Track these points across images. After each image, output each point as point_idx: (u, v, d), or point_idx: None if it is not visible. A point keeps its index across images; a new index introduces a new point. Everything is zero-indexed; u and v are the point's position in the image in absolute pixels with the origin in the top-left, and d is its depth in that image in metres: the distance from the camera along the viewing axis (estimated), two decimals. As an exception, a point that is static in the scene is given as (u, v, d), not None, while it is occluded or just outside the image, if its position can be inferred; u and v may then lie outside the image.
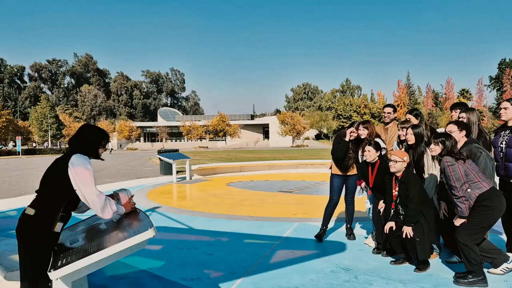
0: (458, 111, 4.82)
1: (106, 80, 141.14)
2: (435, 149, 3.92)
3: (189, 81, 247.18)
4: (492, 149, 4.45)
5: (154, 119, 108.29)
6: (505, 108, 4.26)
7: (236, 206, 8.36)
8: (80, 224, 3.20)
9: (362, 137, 5.13)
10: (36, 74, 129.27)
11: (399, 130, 4.98)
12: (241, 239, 5.65)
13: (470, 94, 74.38)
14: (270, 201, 8.96)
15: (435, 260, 4.47)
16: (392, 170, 4.33)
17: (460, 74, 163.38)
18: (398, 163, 4.26)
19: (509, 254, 4.20)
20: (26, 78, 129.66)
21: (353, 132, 5.21)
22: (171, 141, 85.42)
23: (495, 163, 4.37)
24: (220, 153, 43.22)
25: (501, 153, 4.27)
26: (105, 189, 10.92)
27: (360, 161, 5.19)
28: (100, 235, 2.66)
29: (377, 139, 5.12)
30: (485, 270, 4.01)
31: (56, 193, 2.65)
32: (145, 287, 3.94)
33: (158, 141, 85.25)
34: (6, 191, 12.50)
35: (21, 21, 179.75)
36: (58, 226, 2.65)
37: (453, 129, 4.19)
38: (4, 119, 57.27)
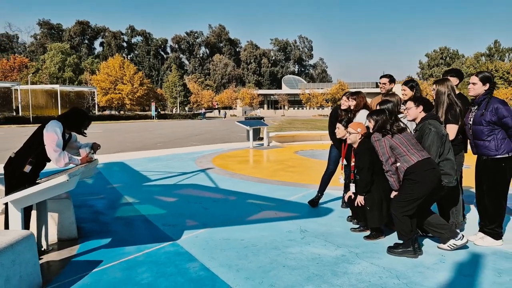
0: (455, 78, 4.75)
1: (237, 49, 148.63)
2: (370, 126, 4.00)
3: (317, 48, 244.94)
4: (460, 123, 4.26)
5: (280, 86, 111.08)
6: (473, 83, 4.05)
7: (278, 172, 8.92)
8: (54, 174, 4.26)
9: (351, 108, 5.26)
10: (176, 46, 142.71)
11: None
12: (246, 199, 6.28)
13: None
14: (316, 169, 9.26)
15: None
16: (348, 142, 4.49)
17: None
18: (352, 134, 4.39)
19: (466, 232, 4.11)
20: (168, 50, 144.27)
21: (345, 101, 5.36)
22: (293, 108, 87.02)
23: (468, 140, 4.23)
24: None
25: (470, 131, 4.10)
26: (175, 152, 12.35)
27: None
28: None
29: (364, 111, 5.19)
30: (435, 244, 4.04)
31: (32, 143, 3.80)
32: (133, 227, 4.91)
33: (279, 108, 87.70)
34: (116, 148, 14.98)
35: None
36: (27, 168, 3.74)
37: (410, 105, 4.15)
38: (145, 87, 65.38)
